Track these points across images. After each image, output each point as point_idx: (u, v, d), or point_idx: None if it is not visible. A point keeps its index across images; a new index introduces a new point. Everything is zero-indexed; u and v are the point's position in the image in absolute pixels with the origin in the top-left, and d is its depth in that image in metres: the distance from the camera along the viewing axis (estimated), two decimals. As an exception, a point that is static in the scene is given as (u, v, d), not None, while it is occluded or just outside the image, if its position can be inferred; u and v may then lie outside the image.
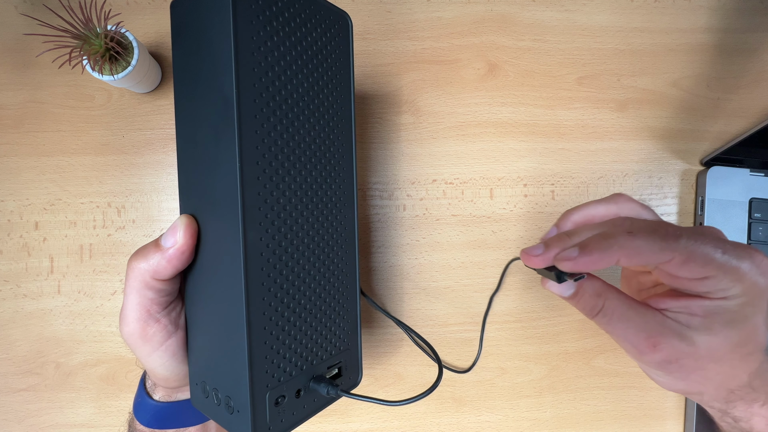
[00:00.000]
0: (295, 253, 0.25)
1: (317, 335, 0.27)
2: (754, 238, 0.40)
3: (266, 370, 0.23)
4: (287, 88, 0.24)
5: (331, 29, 0.27)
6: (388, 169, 0.42)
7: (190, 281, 0.25)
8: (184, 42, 0.24)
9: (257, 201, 0.23)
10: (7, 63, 0.40)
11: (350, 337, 0.29)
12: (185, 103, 0.24)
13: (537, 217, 0.42)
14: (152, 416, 0.29)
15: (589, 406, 0.42)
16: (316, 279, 0.26)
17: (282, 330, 0.24)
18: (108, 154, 0.40)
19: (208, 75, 0.23)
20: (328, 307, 0.27)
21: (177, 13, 0.24)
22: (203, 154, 0.23)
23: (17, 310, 0.40)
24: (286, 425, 0.25)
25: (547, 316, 0.42)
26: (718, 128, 0.43)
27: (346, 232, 0.29)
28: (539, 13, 0.43)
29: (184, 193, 0.25)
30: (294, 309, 0.25)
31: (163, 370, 0.27)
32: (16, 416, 0.40)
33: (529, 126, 0.42)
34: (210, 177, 0.23)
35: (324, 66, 0.26)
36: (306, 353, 0.26)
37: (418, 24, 0.42)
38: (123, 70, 0.35)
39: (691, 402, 0.41)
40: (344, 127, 0.28)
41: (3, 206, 0.40)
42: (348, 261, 0.29)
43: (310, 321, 0.26)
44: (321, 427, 0.41)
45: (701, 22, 0.43)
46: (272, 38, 0.23)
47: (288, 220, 0.24)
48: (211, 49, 0.22)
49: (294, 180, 0.25)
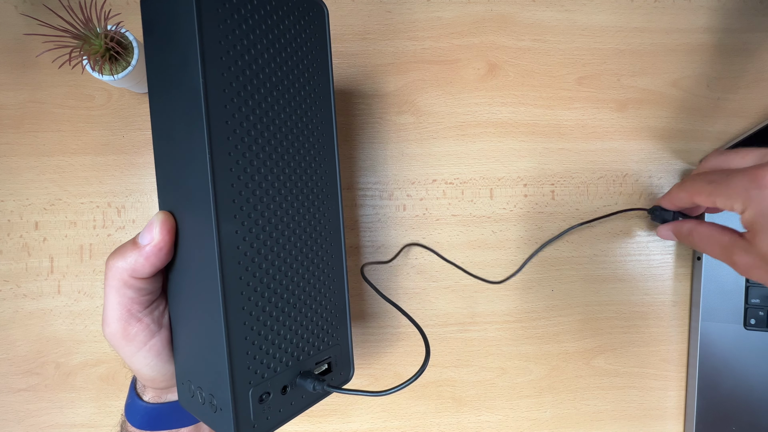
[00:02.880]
0: (275, 247, 0.24)
1: (302, 330, 0.26)
2: (754, 238, 0.40)
3: (248, 367, 0.23)
4: (259, 77, 0.24)
5: (305, 17, 0.26)
6: (388, 169, 0.42)
7: (171, 279, 0.25)
8: (153, 37, 0.23)
9: (231, 193, 0.22)
10: (7, 63, 0.40)
11: (339, 331, 0.29)
12: (158, 98, 0.24)
13: (537, 217, 0.42)
14: (143, 418, 0.29)
15: (589, 406, 0.42)
16: (299, 273, 0.26)
17: (263, 325, 0.24)
18: (108, 154, 0.40)
19: (177, 68, 0.22)
20: (313, 301, 0.27)
21: (146, 8, 0.23)
22: (177, 148, 0.23)
23: (17, 310, 0.40)
24: (273, 423, 0.25)
25: (547, 316, 0.42)
26: (718, 128, 0.43)
27: (330, 225, 0.28)
28: (539, 13, 0.43)
29: (161, 189, 0.24)
30: (276, 303, 0.24)
31: (148, 371, 0.26)
32: (16, 416, 0.40)
33: (529, 126, 0.42)
34: (184, 171, 0.23)
35: (299, 55, 0.26)
36: (291, 349, 0.25)
37: (418, 24, 0.42)
38: (123, 70, 0.35)
39: (691, 402, 0.41)
40: (324, 119, 0.28)
41: (3, 206, 0.40)
42: (335, 254, 0.29)
43: (294, 315, 0.25)
44: (321, 427, 0.41)
45: (701, 22, 0.43)
46: (240, 26, 0.23)
47: (266, 212, 0.24)
48: (178, 40, 0.22)
49: (271, 171, 0.24)
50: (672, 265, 0.43)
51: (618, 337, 0.42)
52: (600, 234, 0.42)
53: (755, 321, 0.40)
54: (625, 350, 0.42)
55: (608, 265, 0.42)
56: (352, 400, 0.41)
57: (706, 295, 0.40)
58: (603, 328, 0.42)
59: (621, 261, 0.42)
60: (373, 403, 0.41)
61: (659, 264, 0.43)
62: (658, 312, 0.42)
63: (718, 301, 0.40)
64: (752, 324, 0.40)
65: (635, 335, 0.42)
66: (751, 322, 0.40)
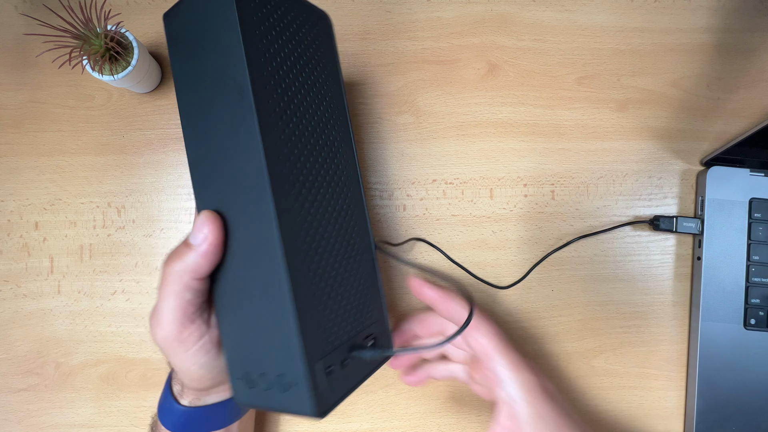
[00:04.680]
0: (321, 228, 0.26)
1: (352, 307, 0.28)
2: (753, 238, 0.40)
3: (314, 340, 0.24)
4: (289, 77, 0.26)
5: (316, 27, 0.29)
6: (388, 169, 0.42)
7: (219, 276, 0.26)
8: (184, 48, 0.25)
9: (283, 181, 0.24)
10: (7, 63, 0.40)
11: (377, 308, 0.31)
12: (192, 105, 0.26)
13: (537, 217, 0.42)
14: (179, 419, 0.29)
15: (589, 406, 0.42)
16: (343, 253, 0.28)
17: (322, 301, 0.25)
18: (108, 154, 0.40)
19: (217, 71, 0.24)
20: (356, 279, 0.29)
21: (173, 21, 0.26)
22: (219, 148, 0.25)
23: (17, 310, 0.40)
24: (339, 395, 0.26)
25: (547, 316, 0.42)
26: (718, 128, 0.43)
27: (359, 207, 0.31)
28: (539, 13, 0.43)
29: (202, 190, 0.26)
30: (329, 282, 0.26)
31: (197, 369, 0.27)
32: (16, 416, 0.40)
33: (529, 126, 0.42)
34: (231, 167, 0.24)
35: (315, 59, 0.29)
36: (345, 323, 0.27)
37: (418, 24, 0.42)
38: (123, 70, 0.35)
39: (690, 402, 0.41)
40: (341, 115, 0.31)
41: (3, 206, 0.40)
42: (364, 235, 0.31)
43: (344, 293, 0.27)
44: (321, 427, 0.41)
45: (701, 22, 0.43)
46: (271, 32, 0.25)
47: (309, 195, 0.26)
48: (219, 46, 0.24)
49: (309, 159, 0.26)
50: (672, 265, 0.43)
51: (618, 337, 0.42)
52: (600, 234, 0.42)
53: (755, 321, 0.40)
54: (626, 350, 0.42)
55: (608, 265, 0.42)
56: (351, 400, 0.41)
57: (706, 295, 0.40)
58: (603, 328, 0.42)
59: (621, 261, 0.42)
60: (373, 403, 0.41)
61: (659, 264, 0.43)
62: (658, 312, 0.42)
63: (718, 301, 0.40)
64: (752, 324, 0.40)
65: (635, 335, 0.42)
66: (751, 322, 0.40)
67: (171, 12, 0.26)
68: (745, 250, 0.40)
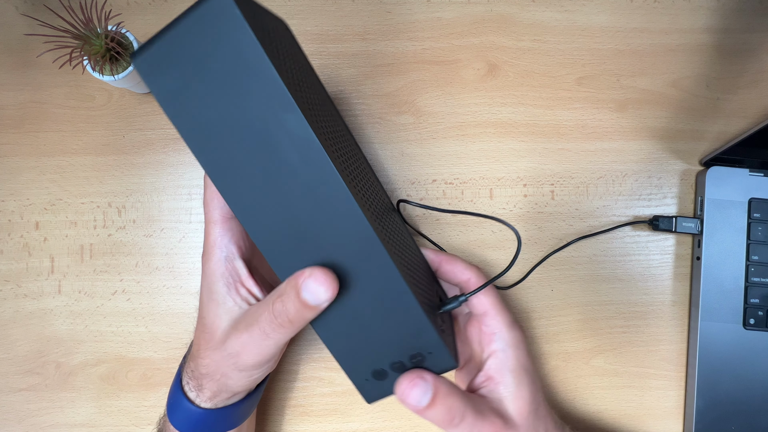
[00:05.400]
0: (390, 231, 0.29)
1: (425, 278, 0.31)
2: (753, 238, 0.40)
3: (431, 315, 0.27)
4: (298, 81, 0.25)
5: (288, 33, 0.28)
6: (388, 169, 0.42)
7: (326, 313, 0.25)
8: (188, 99, 0.21)
9: (375, 217, 0.25)
10: (8, 63, 0.40)
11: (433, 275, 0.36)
12: (233, 171, 0.22)
13: (537, 217, 0.42)
14: (192, 422, 0.30)
15: (589, 406, 0.42)
16: (402, 247, 0.30)
17: (417, 280, 0.28)
18: (108, 154, 0.41)
19: (255, 123, 0.21)
20: (417, 259, 0.32)
21: (157, 71, 0.20)
22: (293, 207, 0.22)
23: (18, 310, 0.40)
24: (454, 343, 0.31)
25: (547, 316, 0.42)
26: (717, 128, 0.43)
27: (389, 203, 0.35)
28: (539, 13, 0.43)
29: (286, 246, 0.23)
30: (408, 266, 0.28)
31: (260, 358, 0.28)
32: (17, 416, 0.40)
33: (529, 126, 0.42)
34: (317, 225, 0.23)
35: (304, 68, 0.28)
36: (431, 293, 0.30)
37: (418, 24, 0.42)
38: (123, 71, 0.35)
39: (690, 402, 0.41)
40: (344, 123, 0.32)
41: (3, 206, 0.40)
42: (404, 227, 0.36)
43: (418, 274, 0.30)
44: (321, 427, 0.41)
45: (701, 22, 0.43)
46: (272, 41, 0.23)
47: (383, 219, 0.28)
48: (249, 86, 0.20)
49: (361, 182, 0.28)
50: (671, 265, 0.43)
51: (618, 337, 0.42)
52: (599, 234, 0.42)
53: (755, 321, 0.40)
54: (625, 350, 0.42)
55: (608, 265, 0.42)
56: (351, 400, 0.41)
57: (706, 294, 0.40)
58: (602, 328, 0.42)
59: (620, 261, 0.43)
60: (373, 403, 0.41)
61: (659, 264, 0.43)
62: (657, 312, 0.42)
63: (718, 301, 0.40)
64: (752, 324, 0.40)
65: (635, 335, 0.42)
66: (750, 321, 0.40)
67: (151, 59, 0.20)
68: (744, 250, 0.40)
